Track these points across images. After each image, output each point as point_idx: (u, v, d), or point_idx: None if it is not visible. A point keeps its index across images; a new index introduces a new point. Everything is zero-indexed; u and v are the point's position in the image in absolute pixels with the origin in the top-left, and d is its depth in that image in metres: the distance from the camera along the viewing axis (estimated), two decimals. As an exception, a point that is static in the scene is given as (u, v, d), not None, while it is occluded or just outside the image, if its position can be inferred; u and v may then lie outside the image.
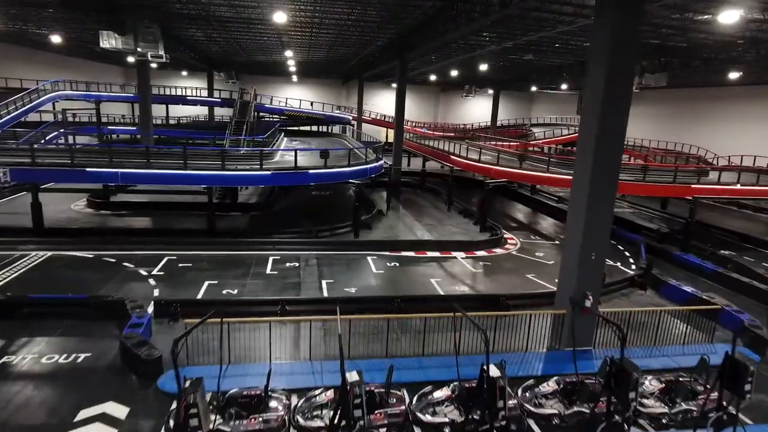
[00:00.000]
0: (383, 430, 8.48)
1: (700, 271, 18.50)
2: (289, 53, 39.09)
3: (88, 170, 17.42)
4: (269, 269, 16.96)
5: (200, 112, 53.32)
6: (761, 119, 36.21)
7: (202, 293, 14.53)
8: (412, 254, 19.54)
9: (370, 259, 18.67)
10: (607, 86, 10.28)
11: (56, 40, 33.94)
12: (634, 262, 19.68)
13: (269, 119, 45.05)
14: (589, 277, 11.34)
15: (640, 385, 8.48)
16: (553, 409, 9.29)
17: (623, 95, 10.60)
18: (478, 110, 63.86)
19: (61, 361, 10.59)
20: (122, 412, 9.00)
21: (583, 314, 11.26)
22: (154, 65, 48.18)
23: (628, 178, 21.71)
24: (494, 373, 7.66)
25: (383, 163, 25.09)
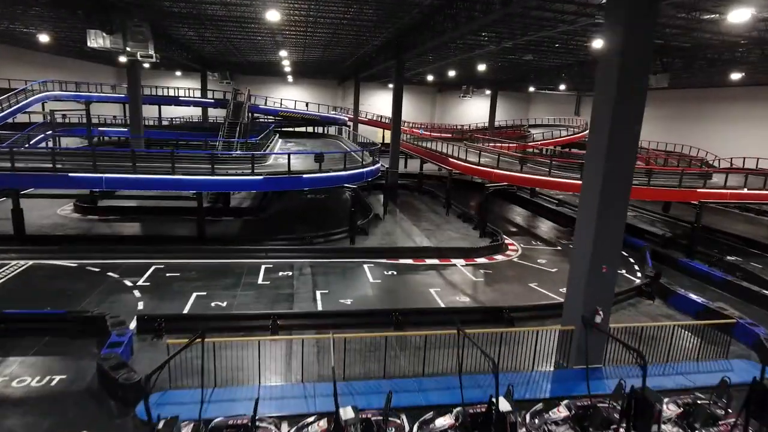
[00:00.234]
0: None
1: (708, 279, 17.87)
2: (283, 53, 38.32)
3: (70, 175, 16.59)
4: (261, 279, 16.21)
5: (194, 113, 52.36)
6: (763, 120, 35.69)
7: (189, 306, 13.76)
8: (410, 261, 18.82)
9: (366, 267, 17.96)
10: (619, 87, 9.59)
11: (44, 39, 33.08)
12: (639, 269, 19.04)
13: (264, 120, 44.29)
14: (599, 291, 10.65)
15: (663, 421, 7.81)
16: (565, 437, 8.62)
17: (637, 96, 9.92)
18: (475, 111, 63.19)
19: (33, 384, 9.82)
20: (96, 444, 8.30)
21: (587, 323, 10.59)
22: (146, 65, 47.45)
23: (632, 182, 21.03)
24: (504, 407, 6.95)
25: (380, 166, 24.38)
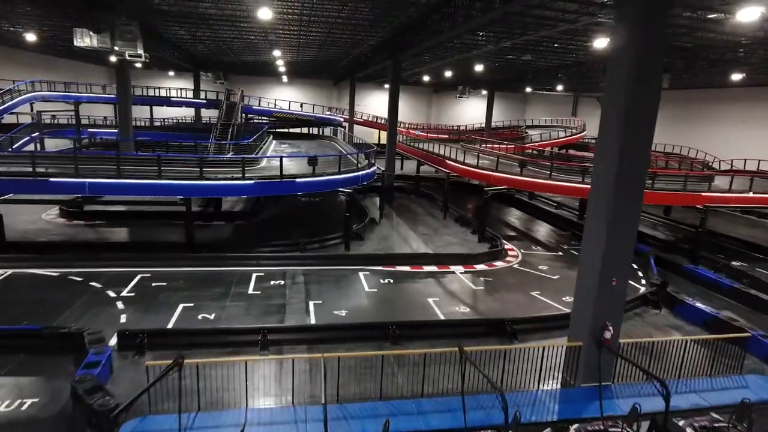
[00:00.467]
0: None
1: (715, 286, 17.29)
2: (278, 53, 37.62)
3: (51, 180, 15.81)
4: (252, 288, 15.49)
5: (187, 113, 51.60)
6: (764, 121, 35.25)
7: (174, 319, 13.03)
8: (407, 269, 18.17)
9: (362, 275, 17.27)
10: (633, 87, 8.95)
11: (32, 38, 32.26)
12: (643, 276, 18.46)
13: (258, 121, 43.54)
14: (609, 305, 10.03)
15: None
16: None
17: (651, 97, 9.29)
18: (471, 111, 62.65)
19: (1, 409, 9.09)
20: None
21: (603, 347, 9.98)
22: (137, 65, 46.57)
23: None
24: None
25: (376, 169, 23.71)
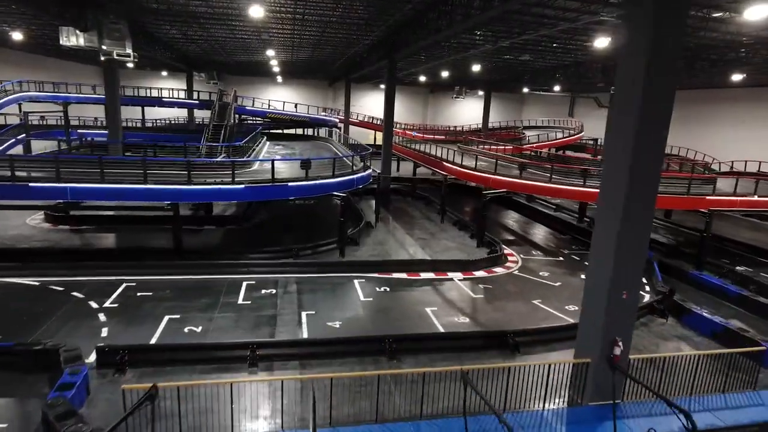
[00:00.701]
0: None
1: (721, 293, 16.76)
2: (271, 52, 36.93)
3: (31, 185, 15.06)
4: (242, 298, 14.82)
5: (181, 114, 50.79)
6: (765, 122, 34.83)
7: (159, 333, 12.34)
8: (404, 276, 17.54)
9: (357, 283, 16.63)
10: (645, 90, 8.39)
11: (18, 37, 31.44)
12: (648, 283, 17.89)
13: (252, 122, 42.81)
14: (619, 320, 9.43)
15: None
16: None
17: (666, 97, 8.75)
18: (468, 112, 62.11)
19: (-34, 437, 8.45)
20: None
21: (613, 365, 9.39)
22: (130, 65, 45.73)
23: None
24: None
25: (371, 171, 23.07)
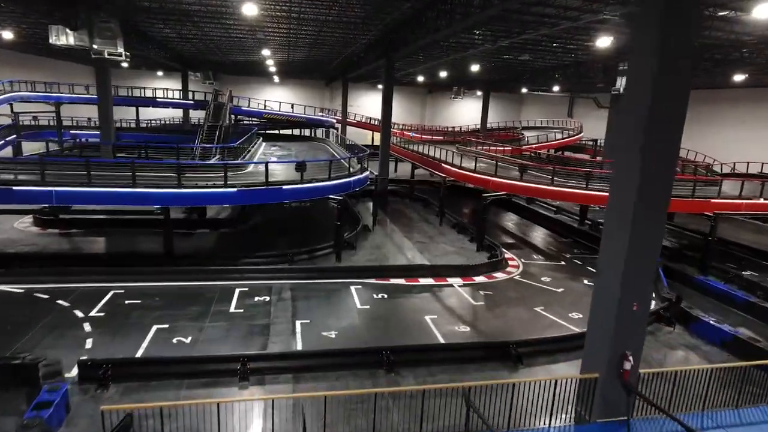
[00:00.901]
0: None
1: (728, 299, 16.32)
2: (267, 52, 36.38)
3: (15, 189, 14.51)
4: (234, 306, 14.28)
5: (176, 114, 50.20)
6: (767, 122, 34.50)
7: (145, 344, 11.79)
8: (402, 282, 17.04)
9: (353, 289, 16.11)
10: (658, 85, 7.85)
11: (9, 36, 30.83)
12: (653, 289, 17.40)
13: (249, 122, 42.26)
14: (629, 333, 8.95)
15: None
16: None
17: (680, 96, 8.21)
18: (466, 112, 61.69)
19: (-66, 461, 7.91)
20: None
21: (622, 380, 8.92)
22: (125, 65, 45.15)
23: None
24: None
25: (369, 173, 22.57)
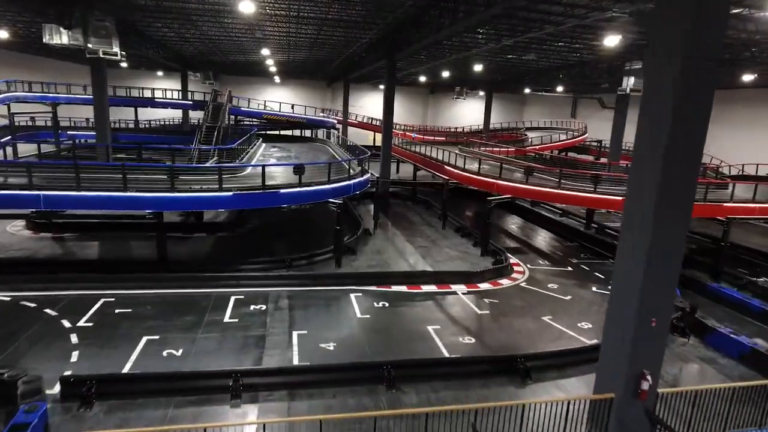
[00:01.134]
0: None
1: (743, 308, 15.66)
2: (267, 52, 35.84)
3: (1, 193, 14.01)
4: (228, 316, 13.70)
5: (176, 114, 49.71)
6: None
7: (134, 357, 11.19)
8: (404, 289, 16.44)
9: (353, 297, 15.52)
10: (679, 84, 7.30)
11: (4, 35, 30.33)
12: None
13: (249, 123, 41.74)
14: (647, 351, 8.36)
15: None
16: None
17: (704, 95, 7.69)
18: (469, 113, 61.12)
19: None
20: None
21: (640, 401, 8.33)
22: (123, 65, 44.69)
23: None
24: None
25: (369, 176, 22.00)
